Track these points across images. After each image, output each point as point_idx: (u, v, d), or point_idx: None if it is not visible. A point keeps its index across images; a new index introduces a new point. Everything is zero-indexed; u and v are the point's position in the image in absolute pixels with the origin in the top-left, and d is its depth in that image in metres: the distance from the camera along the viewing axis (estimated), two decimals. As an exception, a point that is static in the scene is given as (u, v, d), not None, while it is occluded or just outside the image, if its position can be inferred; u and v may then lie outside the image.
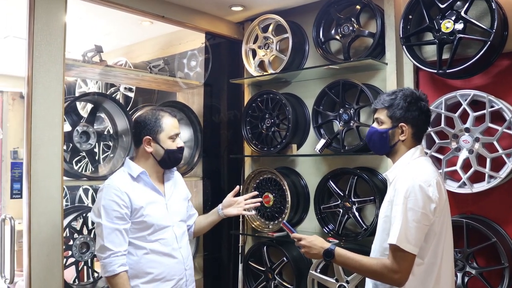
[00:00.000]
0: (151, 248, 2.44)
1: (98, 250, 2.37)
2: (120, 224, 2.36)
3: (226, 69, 4.15)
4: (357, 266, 2.12)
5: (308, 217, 3.68)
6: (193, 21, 3.76)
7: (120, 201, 2.37)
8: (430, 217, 2.01)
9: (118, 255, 2.34)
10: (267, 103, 3.70)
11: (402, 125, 2.17)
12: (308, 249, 2.25)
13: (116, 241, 2.35)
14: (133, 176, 2.49)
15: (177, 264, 2.53)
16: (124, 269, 2.34)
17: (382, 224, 2.18)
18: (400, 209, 2.00)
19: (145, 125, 2.50)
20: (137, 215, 2.42)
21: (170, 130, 2.52)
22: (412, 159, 2.17)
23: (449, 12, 2.80)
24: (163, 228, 2.50)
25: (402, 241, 1.95)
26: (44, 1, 2.78)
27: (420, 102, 2.18)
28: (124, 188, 2.41)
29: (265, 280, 3.74)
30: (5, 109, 6.71)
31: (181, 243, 2.58)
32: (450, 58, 2.77)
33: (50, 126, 2.82)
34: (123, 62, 4.37)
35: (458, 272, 2.84)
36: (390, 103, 2.19)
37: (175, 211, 2.60)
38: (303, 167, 3.76)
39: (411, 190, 2.00)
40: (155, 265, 2.44)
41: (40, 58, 2.78)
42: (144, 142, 2.50)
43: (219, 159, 4.19)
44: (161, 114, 2.53)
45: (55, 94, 2.84)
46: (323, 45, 3.51)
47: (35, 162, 2.75)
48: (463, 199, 2.92)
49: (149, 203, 2.47)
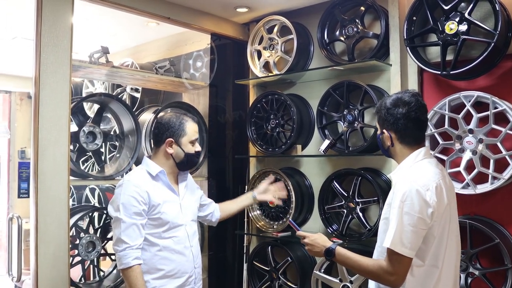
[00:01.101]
0: (164, 245, 2.53)
1: (115, 243, 2.45)
2: (138, 219, 2.45)
3: (232, 70, 4.17)
4: (356, 266, 2.16)
5: (312, 217, 3.70)
6: (199, 22, 3.78)
7: (139, 197, 2.46)
8: (427, 221, 2.00)
9: (133, 248, 2.42)
10: (272, 104, 3.72)
11: (384, 131, 2.22)
12: (311, 247, 2.33)
13: (133, 235, 2.43)
14: (152, 175, 2.58)
15: (188, 262, 2.61)
16: (138, 262, 2.42)
17: (382, 225, 2.21)
18: (396, 212, 2.01)
19: (168, 127, 2.60)
20: (154, 212, 2.51)
21: (192, 135, 2.63)
22: (415, 162, 2.16)
23: (453, 13, 2.81)
24: (177, 226, 2.59)
25: (397, 245, 1.98)
26: (51, 3, 2.82)
27: (399, 108, 2.13)
28: (144, 185, 2.51)
29: (270, 280, 3.75)
30: (13, 109, 6.76)
31: (192, 241, 2.68)
32: (454, 60, 2.78)
33: (57, 127, 2.86)
34: (129, 63, 4.40)
35: (462, 273, 2.85)
36: (376, 109, 2.25)
37: (188, 210, 2.70)
38: (308, 168, 3.78)
39: (408, 194, 2.00)
40: (167, 262, 2.53)
41: (47, 59, 2.81)
42: (166, 143, 2.60)
43: (224, 159, 4.21)
44: (185, 118, 2.64)
45: (62, 95, 2.88)
46: (327, 46, 3.53)
47: (42, 162, 2.78)
48: (467, 200, 2.92)
49: (165, 201, 2.56)
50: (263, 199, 3.14)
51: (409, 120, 2.14)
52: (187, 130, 2.61)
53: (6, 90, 6.63)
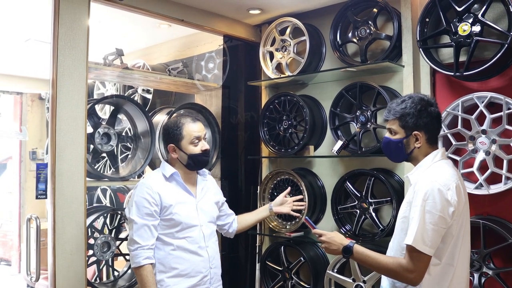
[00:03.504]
0: (178, 244, 2.58)
1: (128, 243, 2.54)
2: (149, 220, 2.52)
3: (244, 71, 4.20)
4: (374, 264, 2.18)
5: (325, 218, 3.72)
6: (211, 24, 3.81)
7: (150, 199, 2.53)
8: (448, 220, 2.05)
9: (144, 248, 2.48)
10: (285, 105, 3.74)
11: (416, 133, 2.21)
12: (328, 244, 2.33)
13: (144, 236, 2.50)
14: (166, 176, 2.65)
15: (203, 262, 2.65)
16: (149, 262, 2.48)
17: (400, 224, 2.23)
18: (418, 211, 2.05)
19: (167, 133, 2.68)
20: (166, 213, 2.57)
21: (190, 136, 2.64)
22: (433, 162, 2.20)
23: (466, 15, 2.82)
24: (191, 227, 2.63)
25: (418, 242, 2.01)
26: (69, 6, 2.86)
27: (430, 107, 2.21)
28: (156, 186, 2.58)
29: (282, 279, 3.78)
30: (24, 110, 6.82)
31: (209, 242, 2.70)
32: (467, 61, 2.79)
33: (73, 128, 2.90)
34: (141, 64, 4.43)
35: (475, 272, 2.86)
36: (401, 113, 2.22)
37: (204, 212, 2.73)
38: (320, 168, 3.80)
39: (430, 193, 2.04)
40: (181, 261, 2.57)
41: (64, 62, 2.85)
42: (169, 149, 2.68)
43: (237, 160, 4.24)
44: (182, 121, 2.67)
45: (78, 97, 2.92)
46: (340, 48, 3.55)
47: (60, 163, 2.82)
48: (480, 200, 2.93)
49: (178, 203, 2.61)
50: (280, 211, 3.16)
51: (438, 120, 2.26)
52: (183, 132, 2.64)
53: (18, 92, 6.69)
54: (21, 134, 6.55)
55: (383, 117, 2.36)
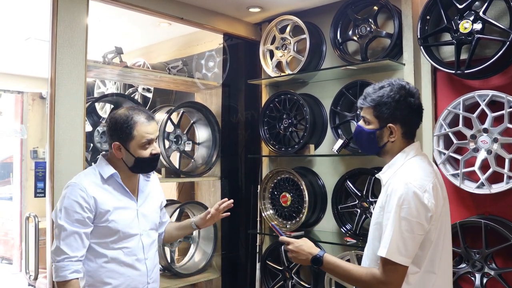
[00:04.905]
0: (112, 256, 2.27)
1: (53, 252, 2.19)
2: (80, 228, 2.19)
3: (244, 69, 4.19)
4: (346, 275, 1.98)
5: (325, 217, 3.70)
6: (211, 22, 3.80)
7: (84, 203, 2.20)
8: (425, 226, 1.86)
9: (73, 260, 2.16)
10: (285, 104, 3.73)
11: (391, 126, 1.99)
12: (296, 254, 2.09)
13: (74, 245, 2.17)
14: (103, 177, 2.31)
15: (140, 276, 2.36)
16: (76, 276, 2.16)
17: (373, 231, 2.02)
18: (392, 218, 1.85)
19: (115, 130, 2.29)
20: (101, 220, 2.25)
21: (141, 138, 2.29)
22: (407, 160, 2.00)
23: (467, 12, 2.80)
24: (130, 237, 2.32)
25: (393, 254, 1.82)
26: (67, 4, 2.84)
27: (409, 98, 1.98)
28: (91, 189, 2.24)
29: (283, 279, 3.76)
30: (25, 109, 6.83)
31: (148, 253, 2.41)
32: (468, 59, 2.77)
33: (72, 126, 2.88)
34: (141, 63, 4.42)
35: (477, 273, 2.84)
36: (377, 101, 1.99)
37: (146, 218, 2.43)
38: (321, 167, 3.78)
39: (404, 197, 1.84)
40: (115, 275, 2.27)
41: (62, 60, 2.84)
42: (113, 147, 2.31)
43: (237, 159, 4.23)
44: (134, 119, 2.28)
45: (77, 95, 2.90)
46: (340, 46, 3.53)
47: (58, 162, 2.81)
48: (482, 199, 2.92)
49: (117, 208, 2.30)
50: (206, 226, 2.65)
51: (418, 112, 2.04)
52: (134, 133, 2.26)
53: (19, 91, 6.69)
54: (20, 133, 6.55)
55: (358, 103, 2.11)
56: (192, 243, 4.13)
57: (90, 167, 2.39)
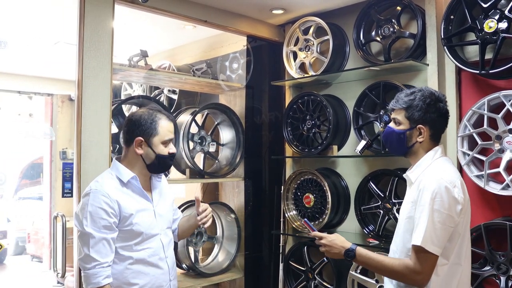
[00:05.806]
0: (137, 257, 2.33)
1: (82, 260, 2.22)
2: (108, 234, 2.23)
3: (267, 71, 4.21)
4: (379, 266, 2.12)
5: (348, 218, 3.70)
6: (235, 24, 3.84)
7: (109, 208, 2.24)
8: (456, 219, 2.02)
9: (104, 266, 2.21)
10: (308, 105, 3.74)
11: (421, 127, 2.17)
12: (329, 248, 2.23)
13: (103, 251, 2.21)
14: (122, 181, 2.35)
15: (163, 275, 2.43)
16: (108, 282, 2.22)
17: (404, 224, 2.17)
18: (426, 210, 2.01)
19: (139, 125, 2.34)
20: (125, 224, 2.30)
21: (165, 135, 2.37)
22: (434, 160, 2.17)
23: (492, 11, 2.77)
24: (151, 237, 2.38)
25: (427, 242, 1.97)
26: (93, 9, 2.92)
27: (439, 103, 2.17)
28: (113, 194, 2.27)
29: (305, 280, 3.77)
30: (55, 111, 6.97)
31: (168, 252, 2.47)
32: (493, 58, 2.74)
33: (98, 128, 2.95)
34: (167, 65, 4.48)
35: (502, 275, 2.79)
36: (409, 104, 2.18)
37: (163, 218, 2.49)
38: (344, 168, 3.78)
39: (437, 191, 2.01)
40: (141, 276, 2.33)
41: (89, 63, 2.91)
42: (135, 143, 2.35)
43: (261, 160, 4.25)
44: (158, 116, 2.38)
45: (103, 98, 2.97)
46: (363, 47, 3.52)
47: (85, 163, 2.87)
48: (507, 201, 2.87)
49: (139, 211, 2.35)
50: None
51: (445, 117, 2.22)
52: (159, 129, 2.34)
53: (48, 93, 6.85)
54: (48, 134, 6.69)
55: (390, 106, 2.29)
56: (216, 243, 4.17)
57: (106, 172, 2.43)
